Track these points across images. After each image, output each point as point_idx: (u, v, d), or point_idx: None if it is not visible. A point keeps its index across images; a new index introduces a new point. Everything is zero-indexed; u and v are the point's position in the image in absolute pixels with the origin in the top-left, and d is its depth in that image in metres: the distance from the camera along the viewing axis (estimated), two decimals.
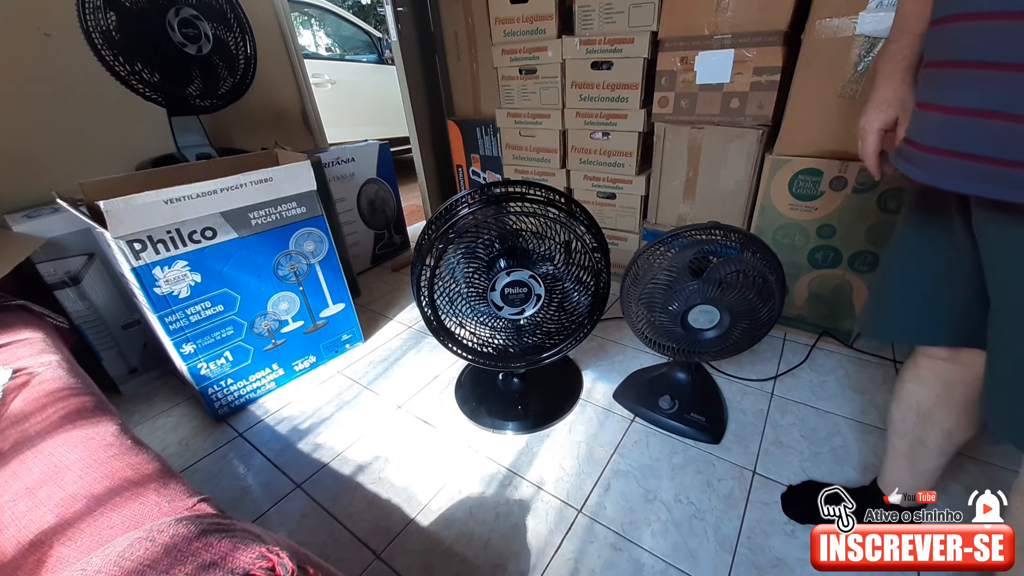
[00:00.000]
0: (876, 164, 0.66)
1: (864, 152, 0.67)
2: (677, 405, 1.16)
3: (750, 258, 0.94)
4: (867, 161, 0.67)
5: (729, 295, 0.94)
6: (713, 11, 1.32)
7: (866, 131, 0.65)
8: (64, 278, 1.21)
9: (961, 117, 0.48)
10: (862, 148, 0.67)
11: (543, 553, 0.90)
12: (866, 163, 0.67)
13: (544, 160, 1.88)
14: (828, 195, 1.25)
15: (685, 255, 0.96)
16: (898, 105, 0.62)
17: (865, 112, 0.66)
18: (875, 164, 0.66)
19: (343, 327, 1.49)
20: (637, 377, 1.31)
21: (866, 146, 0.66)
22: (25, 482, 0.60)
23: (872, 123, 0.64)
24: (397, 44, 2.05)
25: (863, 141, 0.66)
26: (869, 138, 0.65)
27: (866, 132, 0.65)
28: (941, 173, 0.50)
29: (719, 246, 0.98)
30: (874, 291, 0.75)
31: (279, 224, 1.23)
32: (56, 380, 0.81)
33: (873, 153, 0.65)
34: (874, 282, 0.76)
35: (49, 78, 1.44)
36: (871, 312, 0.75)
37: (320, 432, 1.21)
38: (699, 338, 1.02)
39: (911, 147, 0.56)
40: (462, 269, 1.01)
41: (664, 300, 0.99)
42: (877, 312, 0.73)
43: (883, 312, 0.72)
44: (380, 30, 3.62)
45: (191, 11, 1.33)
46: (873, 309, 0.74)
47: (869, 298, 0.77)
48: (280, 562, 0.44)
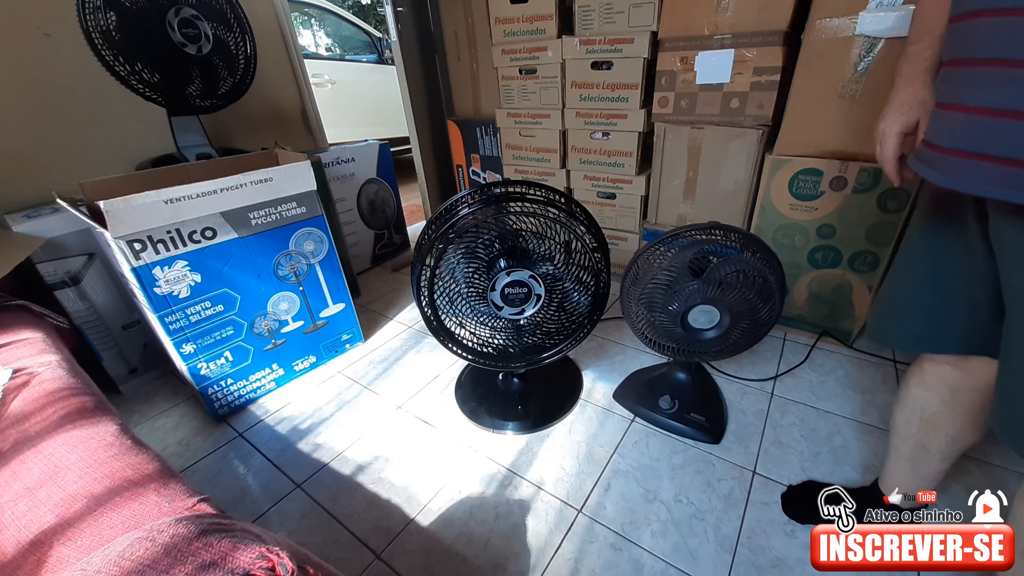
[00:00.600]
0: (896, 169, 0.64)
1: (883, 157, 0.64)
2: (677, 405, 1.16)
3: (750, 258, 0.94)
4: (886, 166, 0.64)
5: (729, 295, 0.94)
6: (713, 11, 1.32)
7: (885, 135, 0.63)
8: (64, 278, 1.21)
9: (981, 116, 0.46)
10: (881, 152, 0.64)
11: (543, 553, 0.90)
12: (885, 168, 0.64)
13: (544, 160, 1.88)
14: (828, 195, 1.25)
15: (685, 255, 0.96)
16: (919, 108, 0.60)
17: (884, 115, 0.63)
18: (894, 169, 0.64)
19: (343, 327, 1.49)
20: (637, 377, 1.31)
21: (885, 151, 0.63)
22: (25, 482, 0.60)
23: (892, 126, 0.62)
24: (397, 44, 2.05)
25: (882, 145, 0.63)
26: (889, 142, 0.62)
27: (885, 136, 0.63)
28: (960, 176, 0.49)
29: (719, 246, 0.98)
30: (885, 297, 0.72)
31: (279, 224, 1.23)
32: (56, 380, 0.81)
33: (893, 158, 0.63)
34: (885, 288, 0.73)
35: (49, 78, 1.44)
36: (883, 319, 0.72)
37: (320, 432, 1.21)
38: (699, 338, 1.02)
39: (929, 149, 0.54)
40: (462, 269, 1.01)
41: (664, 300, 0.99)
42: (890, 320, 0.71)
43: (896, 320, 0.70)
44: (380, 30, 3.62)
45: (191, 11, 1.33)
46: (885, 316, 0.72)
47: (879, 304, 0.74)
48: (280, 562, 0.44)
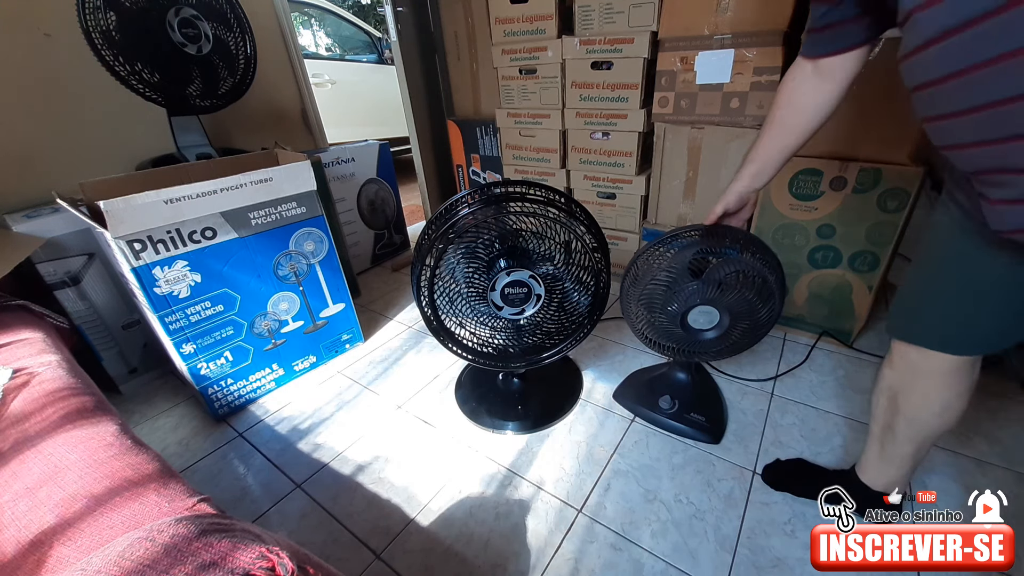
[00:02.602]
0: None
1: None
2: (677, 405, 1.16)
3: (749, 259, 0.94)
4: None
5: (729, 296, 0.94)
6: (713, 11, 1.32)
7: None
8: (64, 278, 1.21)
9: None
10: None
11: (543, 553, 0.90)
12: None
13: (544, 160, 1.88)
14: (828, 195, 1.25)
15: (685, 255, 0.96)
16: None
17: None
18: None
19: (343, 327, 1.49)
20: (637, 377, 1.31)
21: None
22: (25, 482, 0.60)
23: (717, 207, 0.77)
24: (397, 44, 2.05)
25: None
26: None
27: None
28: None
29: (719, 247, 0.98)
30: (920, 297, 0.69)
31: (279, 224, 1.23)
32: (56, 380, 0.81)
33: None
34: (918, 287, 0.70)
35: (49, 78, 1.44)
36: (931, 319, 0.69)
37: (320, 432, 1.21)
38: (699, 339, 1.02)
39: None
40: (462, 269, 1.01)
41: (664, 301, 0.99)
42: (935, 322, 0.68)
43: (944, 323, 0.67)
44: (380, 30, 3.62)
45: (191, 11, 1.33)
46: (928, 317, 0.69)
47: (914, 303, 0.71)
48: (280, 562, 0.44)
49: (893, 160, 1.16)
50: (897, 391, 0.76)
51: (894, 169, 1.15)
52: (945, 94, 0.48)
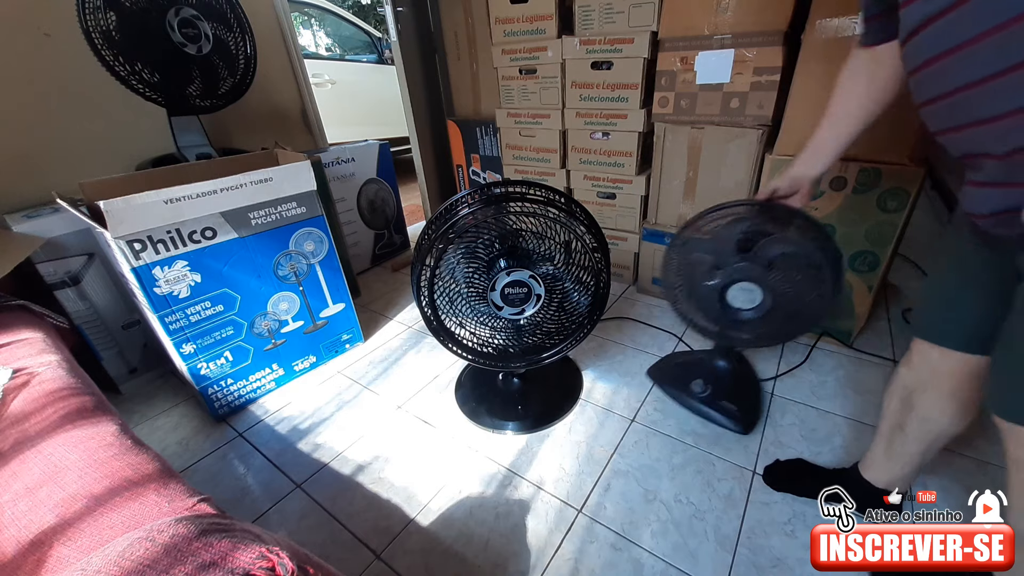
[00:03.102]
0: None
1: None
2: (710, 390, 1.15)
3: (808, 242, 0.89)
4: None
5: (775, 278, 0.91)
6: (713, 11, 1.32)
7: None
8: (64, 278, 1.21)
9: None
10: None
11: (543, 553, 0.90)
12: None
13: (544, 160, 1.88)
14: (828, 195, 1.25)
15: (738, 228, 0.93)
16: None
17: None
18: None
19: (343, 327, 1.49)
20: (673, 358, 1.31)
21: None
22: (25, 482, 0.60)
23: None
24: (397, 44, 2.05)
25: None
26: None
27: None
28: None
29: (782, 226, 0.94)
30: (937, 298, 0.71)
31: (279, 224, 1.23)
32: (56, 380, 0.81)
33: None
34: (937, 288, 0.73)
35: (49, 78, 1.44)
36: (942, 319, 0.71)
37: (320, 432, 1.21)
38: (736, 318, 0.99)
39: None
40: (462, 269, 1.01)
41: (717, 259, 0.95)
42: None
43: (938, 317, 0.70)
44: (380, 30, 3.62)
45: (191, 11, 1.33)
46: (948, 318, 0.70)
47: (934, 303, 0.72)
48: (280, 562, 0.44)
49: (893, 160, 1.16)
50: (913, 389, 0.77)
51: (894, 169, 1.15)
52: (927, 80, 0.51)
